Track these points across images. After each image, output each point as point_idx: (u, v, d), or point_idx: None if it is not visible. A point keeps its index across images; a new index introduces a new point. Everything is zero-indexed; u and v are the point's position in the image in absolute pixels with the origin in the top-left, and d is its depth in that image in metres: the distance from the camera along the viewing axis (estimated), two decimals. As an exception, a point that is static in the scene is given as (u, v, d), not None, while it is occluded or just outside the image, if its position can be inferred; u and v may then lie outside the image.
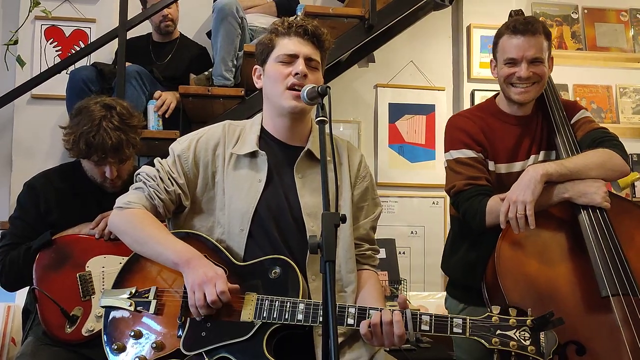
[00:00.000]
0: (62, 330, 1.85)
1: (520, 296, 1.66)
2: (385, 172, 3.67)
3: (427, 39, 3.82)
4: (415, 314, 1.43)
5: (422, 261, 3.64)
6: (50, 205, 2.03)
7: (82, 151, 1.95)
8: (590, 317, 1.65)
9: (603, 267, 1.67)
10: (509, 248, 1.75)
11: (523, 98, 1.93)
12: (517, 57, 1.89)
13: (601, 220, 1.74)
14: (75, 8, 3.43)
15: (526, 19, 1.92)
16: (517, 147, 1.97)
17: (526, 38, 1.88)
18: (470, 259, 1.97)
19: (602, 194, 1.75)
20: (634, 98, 3.96)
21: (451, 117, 2.13)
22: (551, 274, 1.72)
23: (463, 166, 1.92)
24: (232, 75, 3.01)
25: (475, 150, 1.93)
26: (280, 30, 1.66)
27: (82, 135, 1.92)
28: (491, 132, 1.97)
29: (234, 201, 1.63)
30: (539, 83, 1.92)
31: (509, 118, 2.00)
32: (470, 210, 1.86)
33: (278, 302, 1.47)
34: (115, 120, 1.95)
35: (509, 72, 1.92)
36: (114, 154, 1.95)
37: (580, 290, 1.69)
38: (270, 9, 3.40)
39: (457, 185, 1.91)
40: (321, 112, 1.39)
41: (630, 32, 3.98)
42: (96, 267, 1.93)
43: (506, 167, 1.97)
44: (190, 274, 1.48)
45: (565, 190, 1.77)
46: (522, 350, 1.36)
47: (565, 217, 1.81)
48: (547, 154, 1.98)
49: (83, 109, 1.98)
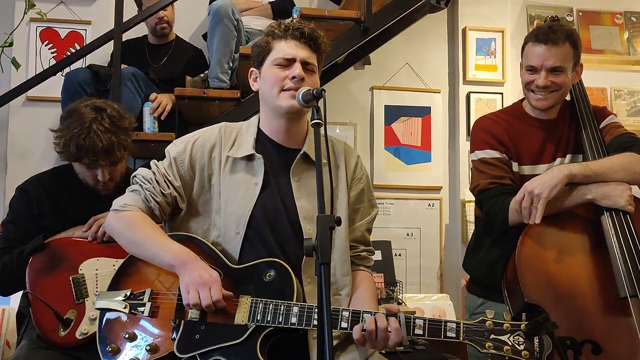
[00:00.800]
0: (56, 334, 1.84)
1: (538, 293, 1.68)
2: (381, 174, 3.67)
3: (423, 41, 3.82)
4: (409, 317, 1.43)
5: (417, 263, 3.64)
6: (43, 208, 2.02)
7: (73, 154, 1.93)
8: (607, 318, 1.67)
9: (623, 269, 1.68)
10: (530, 246, 1.78)
11: (541, 105, 1.96)
12: (536, 66, 1.92)
13: (624, 223, 1.75)
14: (71, 10, 3.43)
15: (551, 28, 1.93)
16: (542, 150, 2.00)
17: (547, 47, 1.90)
18: (492, 257, 1.99)
19: (627, 198, 1.76)
20: (628, 100, 3.98)
21: (478, 118, 2.16)
22: (571, 273, 1.74)
23: (487, 166, 1.95)
24: (228, 77, 3.01)
25: (499, 150, 1.97)
26: (277, 33, 1.65)
27: (72, 138, 1.91)
28: (516, 134, 2.00)
29: (229, 204, 1.63)
30: (558, 92, 1.94)
31: (534, 121, 2.03)
32: (493, 208, 1.89)
33: (272, 305, 1.47)
34: (105, 123, 1.94)
35: (529, 79, 1.96)
36: (105, 156, 1.94)
37: (599, 291, 1.71)
38: (266, 11, 3.40)
39: (481, 184, 1.94)
40: (316, 115, 1.39)
41: (625, 34, 4.00)
42: (89, 269, 1.93)
43: (530, 169, 1.99)
44: (186, 276, 1.49)
45: (589, 192, 1.78)
46: (516, 354, 1.36)
47: (588, 218, 1.82)
48: (573, 157, 2.00)
49: (73, 112, 1.97)
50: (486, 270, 2.01)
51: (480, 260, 2.07)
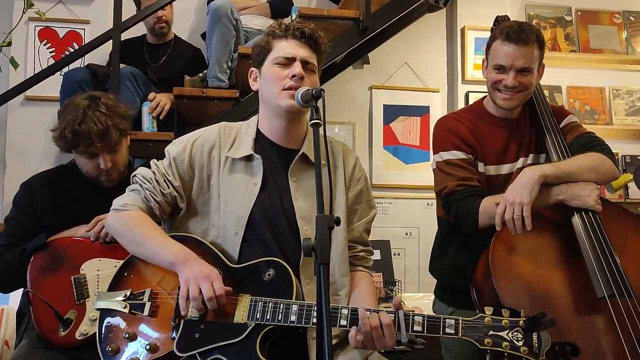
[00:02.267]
0: (56, 334, 1.83)
1: (514, 297, 1.67)
2: (380, 174, 3.68)
3: (422, 40, 3.83)
4: (408, 314, 1.43)
5: (416, 262, 3.64)
6: (46, 206, 2.02)
7: (69, 141, 1.93)
8: (583, 318, 1.66)
9: (598, 269, 1.68)
10: (503, 249, 1.76)
11: (507, 104, 1.94)
12: (506, 65, 1.90)
13: (594, 222, 1.76)
14: (69, 9, 3.43)
15: (521, 27, 1.91)
16: (505, 149, 1.99)
17: (518, 47, 1.88)
18: (459, 260, 1.98)
19: (595, 197, 1.77)
20: (627, 100, 3.98)
21: (439, 119, 2.14)
22: (545, 275, 1.73)
23: (454, 167, 1.93)
24: (227, 76, 3.01)
25: (465, 151, 1.94)
26: (278, 33, 1.66)
27: (67, 125, 1.91)
28: (480, 133, 1.98)
29: (229, 204, 1.63)
30: (524, 92, 1.93)
31: (497, 120, 2.02)
32: (462, 211, 1.86)
33: (271, 303, 1.47)
34: (101, 108, 1.95)
35: (496, 78, 1.93)
36: (100, 138, 1.93)
37: (574, 292, 1.70)
38: (265, 11, 3.40)
39: (449, 186, 1.90)
40: (315, 115, 1.39)
41: (624, 34, 4.00)
42: (91, 270, 1.92)
43: (495, 169, 1.98)
44: (186, 271, 1.49)
45: (560, 193, 1.79)
46: (515, 350, 1.36)
47: (557, 219, 1.82)
48: (535, 157, 2.00)
49: (69, 103, 2.00)
50: (453, 274, 2.00)
51: (447, 264, 2.05)
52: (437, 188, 1.99)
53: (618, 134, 3.87)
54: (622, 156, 3.85)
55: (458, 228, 1.95)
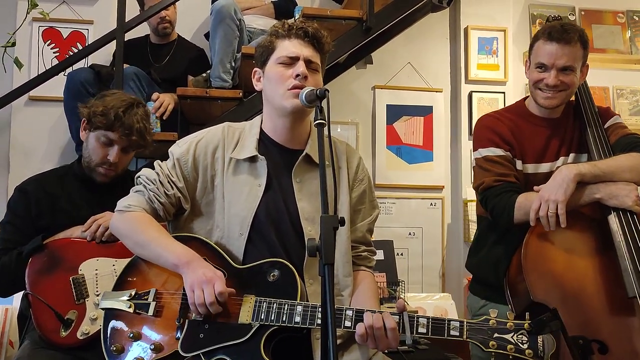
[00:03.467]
0: (57, 334, 1.84)
1: (545, 292, 1.68)
2: (383, 174, 3.67)
3: (425, 40, 3.82)
4: (413, 316, 1.43)
5: (420, 262, 3.64)
6: (41, 209, 2.02)
7: (110, 122, 1.99)
8: (614, 317, 1.67)
9: (631, 268, 1.69)
10: (536, 244, 1.77)
11: (548, 103, 1.95)
12: (547, 64, 1.91)
13: (631, 223, 1.75)
14: (73, 10, 3.43)
15: (564, 27, 1.92)
16: (546, 148, 1.99)
17: (560, 46, 1.89)
18: (495, 255, 1.99)
19: (634, 198, 1.76)
20: (630, 99, 3.97)
21: (480, 117, 2.15)
22: (577, 272, 1.74)
23: (492, 164, 1.94)
24: (230, 77, 3.01)
25: (503, 148, 1.96)
26: (281, 33, 1.66)
27: (114, 108, 2.00)
28: (519, 132, 1.99)
29: (233, 205, 1.63)
30: (566, 91, 1.94)
31: (538, 120, 2.02)
32: (499, 205, 1.88)
33: (276, 304, 1.47)
34: (141, 111, 2.08)
35: (538, 77, 1.94)
36: (138, 136, 2.04)
37: (606, 290, 1.71)
38: (268, 11, 3.40)
39: (486, 181, 1.92)
40: (320, 115, 1.39)
41: (627, 33, 3.99)
42: (89, 270, 1.92)
43: (534, 167, 1.98)
44: (190, 275, 1.49)
45: (597, 191, 1.78)
46: (520, 353, 1.35)
47: (593, 217, 1.82)
48: (577, 156, 1.99)
49: (112, 93, 2.10)
50: (489, 269, 2.01)
51: (483, 259, 2.06)
52: (475, 184, 2.01)
53: (622, 134, 3.86)
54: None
55: (495, 225, 1.97)
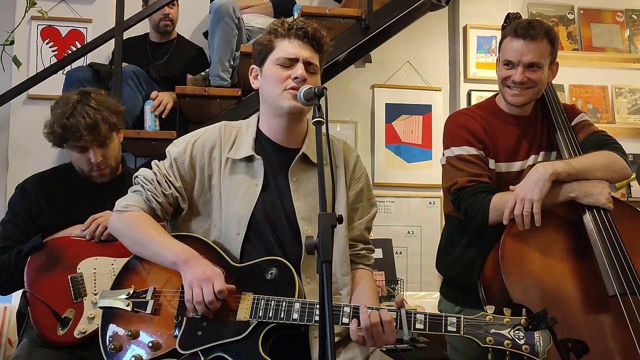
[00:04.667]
0: (54, 333, 1.83)
1: (524, 294, 1.67)
2: (382, 173, 3.67)
3: (424, 39, 3.82)
4: (410, 312, 1.43)
5: (418, 261, 3.64)
6: (41, 208, 2.02)
7: (59, 136, 1.95)
8: (593, 316, 1.66)
9: (609, 267, 1.67)
10: (513, 245, 1.76)
11: (516, 100, 1.94)
12: (514, 60, 1.90)
13: (605, 220, 1.75)
14: (72, 8, 3.43)
15: (530, 23, 1.90)
16: (517, 147, 1.98)
17: (525, 42, 1.87)
18: (467, 257, 1.97)
19: (607, 195, 1.76)
20: (629, 98, 3.98)
21: (451, 114, 2.13)
22: (555, 272, 1.73)
23: (465, 163, 1.92)
24: (229, 75, 3.01)
25: (476, 147, 1.93)
26: (280, 32, 1.64)
27: (57, 119, 1.94)
28: (491, 130, 1.98)
29: (230, 205, 1.63)
30: (533, 88, 1.92)
31: (509, 117, 2.01)
32: (473, 206, 1.85)
33: (274, 301, 1.47)
34: (91, 103, 1.96)
35: (505, 74, 1.93)
36: (89, 132, 1.94)
37: (584, 290, 1.70)
38: (267, 10, 3.40)
39: (459, 181, 1.89)
40: (318, 113, 1.39)
41: (626, 32, 3.99)
42: (88, 268, 1.92)
43: (506, 166, 1.97)
44: (189, 272, 1.49)
45: (572, 190, 1.78)
46: (517, 349, 1.35)
47: (568, 216, 1.82)
48: (546, 154, 1.99)
49: (60, 98, 2.03)
50: (462, 271, 1.98)
51: (455, 261, 2.03)
52: (446, 184, 1.97)
53: (620, 133, 3.85)
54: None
55: (466, 224, 1.94)
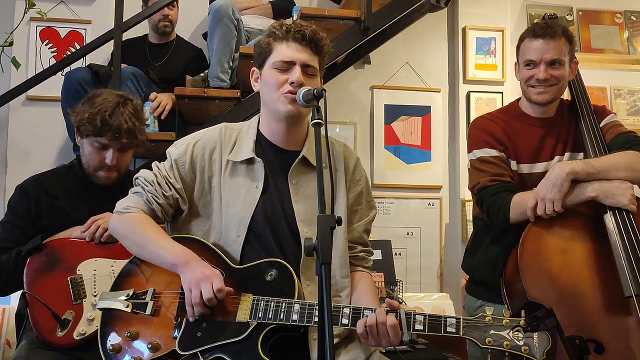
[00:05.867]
0: (54, 334, 1.83)
1: (541, 292, 1.68)
2: (381, 174, 3.67)
3: (423, 40, 3.83)
4: (409, 313, 1.43)
5: (418, 262, 3.64)
6: (41, 209, 2.02)
7: (97, 128, 1.96)
8: (610, 317, 1.67)
9: (628, 268, 1.68)
10: (532, 244, 1.77)
11: (542, 98, 1.97)
12: (535, 59, 1.94)
13: (627, 221, 1.75)
14: (71, 9, 3.43)
15: (547, 23, 1.97)
16: (540, 148, 2.00)
17: (545, 41, 1.93)
18: (491, 255, 1.99)
19: (629, 196, 1.76)
20: (628, 100, 3.98)
21: (474, 119, 2.17)
22: (573, 271, 1.74)
23: (487, 164, 1.95)
24: (228, 76, 3.01)
25: (497, 149, 1.97)
26: (278, 35, 1.64)
27: (99, 112, 1.96)
28: (513, 132, 2.01)
29: (230, 207, 1.63)
30: (557, 85, 1.96)
31: (531, 119, 2.03)
32: (494, 205, 1.88)
33: (273, 303, 1.47)
34: (130, 108, 2.02)
35: (529, 74, 1.97)
36: (128, 135, 1.99)
37: (602, 289, 1.70)
38: (266, 11, 3.40)
39: (481, 182, 1.93)
40: (317, 115, 1.39)
41: (625, 33, 4.00)
42: (87, 270, 1.92)
43: (528, 167, 1.99)
44: (188, 273, 1.49)
45: (593, 190, 1.78)
46: (516, 350, 1.36)
47: (589, 215, 1.82)
48: (572, 155, 1.99)
49: (100, 94, 2.04)
50: (485, 269, 2.01)
51: (479, 259, 2.06)
52: (470, 185, 2.03)
53: (619, 134, 3.87)
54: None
55: (491, 225, 1.97)
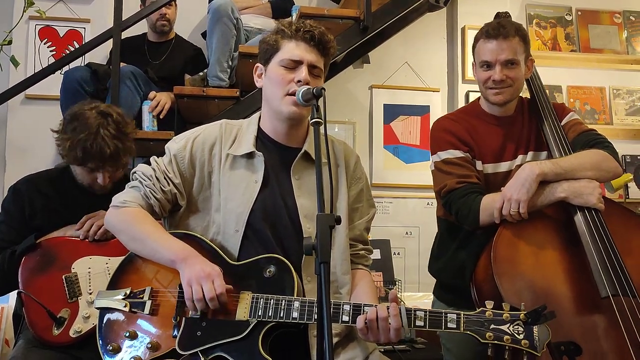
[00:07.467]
0: (50, 333, 1.83)
1: (517, 296, 1.66)
2: (380, 173, 3.67)
3: (422, 40, 3.83)
4: (410, 309, 1.43)
5: (416, 262, 3.64)
6: (35, 209, 2.01)
7: (79, 158, 1.93)
8: (586, 317, 1.66)
9: (602, 268, 1.67)
10: (505, 247, 1.75)
11: (498, 99, 1.96)
12: (490, 60, 1.94)
13: (597, 221, 1.75)
14: (70, 8, 3.43)
15: (500, 23, 1.96)
16: (503, 147, 1.99)
17: (498, 42, 1.92)
18: (459, 259, 1.98)
19: (598, 195, 1.76)
20: (627, 99, 3.98)
21: (436, 120, 2.15)
22: (548, 273, 1.73)
23: (452, 166, 1.93)
24: (227, 76, 3.01)
25: (462, 150, 1.95)
26: (287, 33, 1.63)
27: (79, 142, 1.90)
28: (476, 132, 1.99)
29: (229, 202, 1.63)
30: (513, 86, 1.95)
31: (492, 119, 2.03)
32: (464, 208, 1.86)
33: (273, 300, 1.47)
34: (112, 129, 1.94)
35: (485, 76, 1.97)
36: (111, 162, 1.94)
37: (576, 291, 1.70)
38: (266, 10, 3.40)
39: (448, 184, 1.91)
40: (316, 114, 1.39)
41: (624, 33, 4.00)
42: (82, 268, 1.92)
43: (493, 167, 1.98)
44: (187, 270, 1.49)
45: (562, 190, 1.78)
46: (516, 344, 1.36)
47: (560, 217, 1.81)
48: (536, 154, 1.99)
49: (79, 115, 1.95)
50: (454, 273, 1.99)
51: (447, 263, 2.04)
52: (436, 188, 1.99)
53: (618, 134, 3.87)
54: (622, 156, 3.85)
55: (457, 227, 1.95)
